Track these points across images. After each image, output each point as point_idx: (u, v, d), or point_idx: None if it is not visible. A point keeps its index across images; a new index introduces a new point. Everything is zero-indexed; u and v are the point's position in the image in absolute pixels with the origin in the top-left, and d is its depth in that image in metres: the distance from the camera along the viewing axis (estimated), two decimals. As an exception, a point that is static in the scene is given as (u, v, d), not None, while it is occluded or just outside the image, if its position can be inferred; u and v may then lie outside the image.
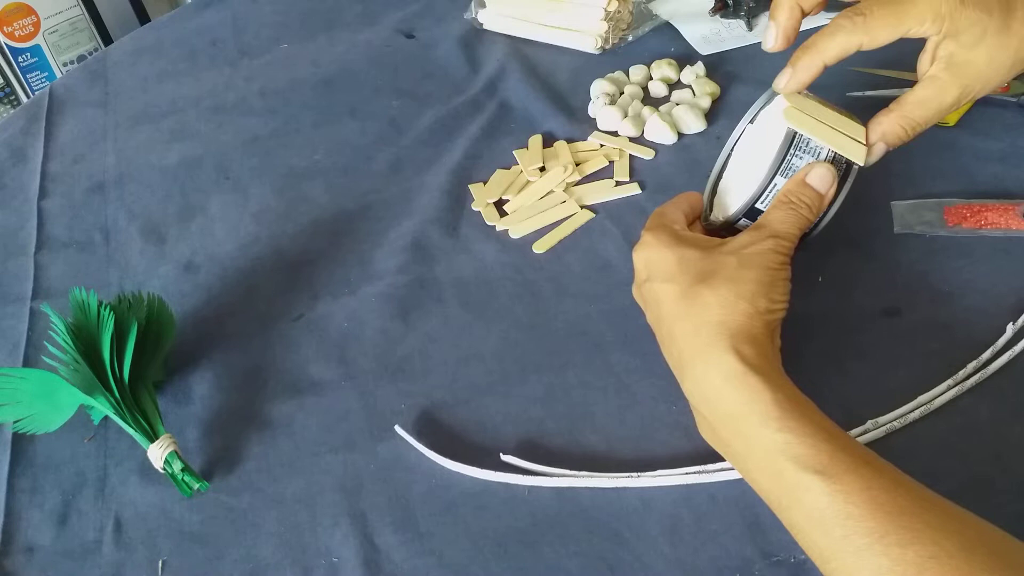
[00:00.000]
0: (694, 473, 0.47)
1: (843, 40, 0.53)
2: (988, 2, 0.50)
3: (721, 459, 0.47)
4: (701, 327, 0.45)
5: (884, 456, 0.46)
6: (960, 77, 0.50)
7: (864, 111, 0.53)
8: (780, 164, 0.51)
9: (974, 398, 0.48)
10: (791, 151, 0.51)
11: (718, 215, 0.55)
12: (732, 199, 0.53)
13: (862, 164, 0.52)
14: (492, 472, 0.49)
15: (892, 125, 0.51)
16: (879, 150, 0.52)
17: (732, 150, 0.55)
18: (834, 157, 0.51)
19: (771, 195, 0.52)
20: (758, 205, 0.52)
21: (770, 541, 0.44)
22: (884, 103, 0.53)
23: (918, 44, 0.72)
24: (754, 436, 0.41)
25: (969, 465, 0.45)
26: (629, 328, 0.56)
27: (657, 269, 0.48)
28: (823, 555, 0.39)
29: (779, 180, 0.52)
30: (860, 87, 0.71)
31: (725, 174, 0.55)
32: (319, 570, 0.47)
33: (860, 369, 0.51)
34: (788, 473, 0.40)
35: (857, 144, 0.52)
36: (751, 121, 0.55)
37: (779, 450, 0.40)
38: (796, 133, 0.51)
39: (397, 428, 0.52)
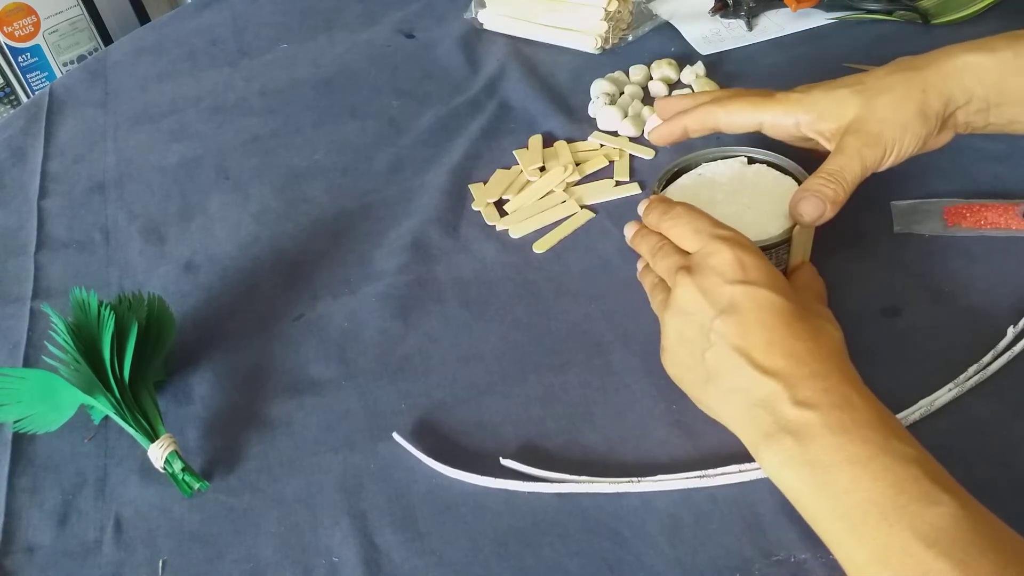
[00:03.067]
0: (695, 478, 0.47)
1: (704, 113, 0.59)
2: (833, 84, 0.56)
3: (721, 463, 0.47)
4: (832, 354, 0.44)
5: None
6: (851, 132, 0.54)
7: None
8: None
9: (975, 399, 0.48)
10: None
11: None
12: None
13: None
14: (492, 479, 0.49)
15: (808, 181, 0.54)
16: (807, 202, 0.53)
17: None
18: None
19: None
20: None
21: (770, 541, 0.44)
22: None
23: (911, 43, 0.72)
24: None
25: (970, 466, 0.45)
26: (629, 328, 0.56)
27: (762, 275, 0.46)
28: None
29: None
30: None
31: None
32: (319, 570, 0.47)
33: (860, 369, 0.51)
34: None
35: None
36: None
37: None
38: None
39: (395, 436, 0.52)
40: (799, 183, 0.56)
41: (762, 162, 0.58)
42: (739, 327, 0.44)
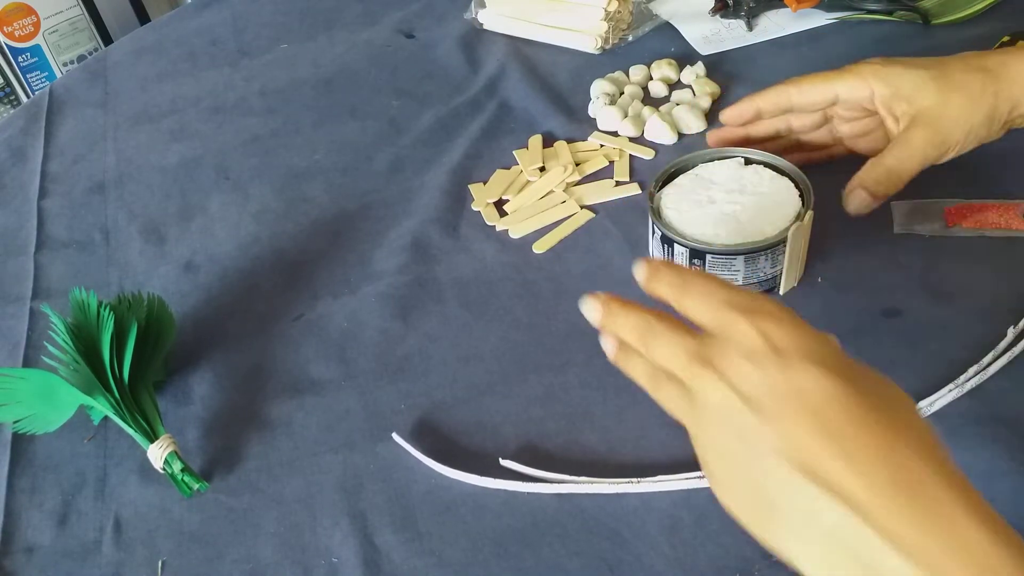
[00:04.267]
0: (695, 478, 0.47)
1: (776, 92, 0.59)
2: (914, 63, 0.55)
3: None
4: (923, 449, 0.33)
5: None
6: (920, 125, 0.54)
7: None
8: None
9: (975, 400, 0.48)
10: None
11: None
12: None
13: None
14: (492, 479, 0.49)
15: (864, 172, 0.54)
16: (857, 196, 0.54)
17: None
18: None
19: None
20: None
21: (770, 541, 0.44)
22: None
23: (911, 43, 0.72)
24: None
25: (970, 466, 0.45)
26: (629, 328, 0.56)
27: (802, 345, 0.35)
28: None
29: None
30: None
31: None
32: (319, 570, 0.47)
33: (860, 369, 0.51)
34: None
35: None
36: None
37: None
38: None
39: (395, 436, 0.52)
40: (796, 184, 0.56)
41: (759, 163, 0.58)
42: (788, 431, 0.33)
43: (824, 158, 0.64)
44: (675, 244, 0.55)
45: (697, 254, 0.54)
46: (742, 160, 0.59)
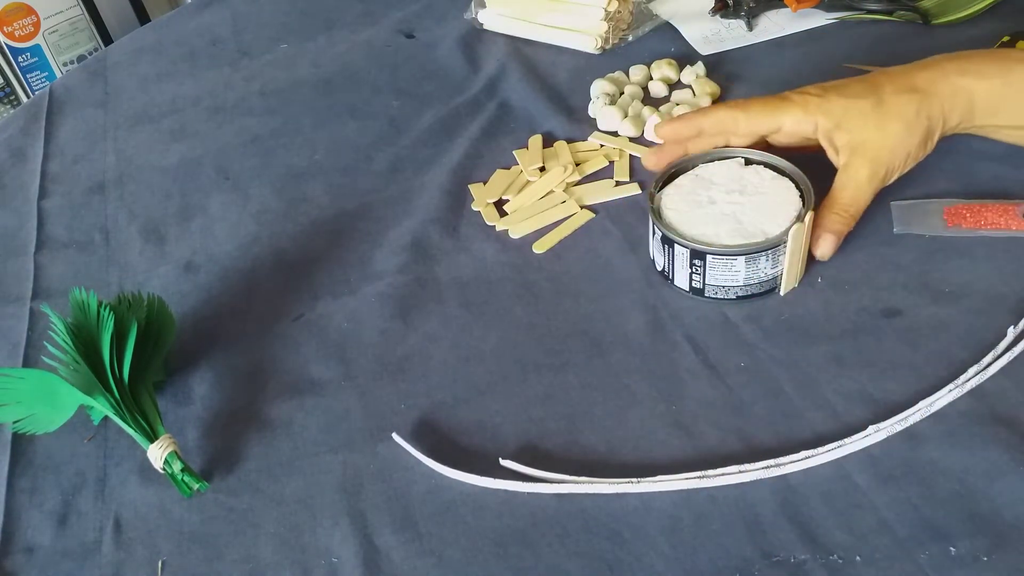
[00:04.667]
0: (695, 478, 0.47)
1: (723, 114, 0.60)
2: (849, 91, 0.57)
3: (721, 463, 0.47)
4: None
5: (885, 459, 0.47)
6: (861, 155, 0.56)
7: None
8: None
9: (975, 399, 0.48)
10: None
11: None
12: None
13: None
14: (492, 480, 0.49)
15: (824, 217, 0.56)
16: (826, 240, 0.56)
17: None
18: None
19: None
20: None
21: (770, 541, 0.44)
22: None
23: (911, 43, 0.72)
24: None
25: (970, 466, 0.45)
26: (629, 328, 0.56)
27: None
28: None
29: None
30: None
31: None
32: (319, 570, 0.47)
33: (860, 369, 0.51)
34: None
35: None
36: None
37: None
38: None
39: (395, 436, 0.52)
40: (796, 184, 0.56)
41: (759, 163, 0.58)
42: None
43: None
44: (675, 245, 0.55)
45: (698, 255, 0.54)
46: (742, 160, 0.59)
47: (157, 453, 0.51)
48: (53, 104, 0.92)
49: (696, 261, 0.55)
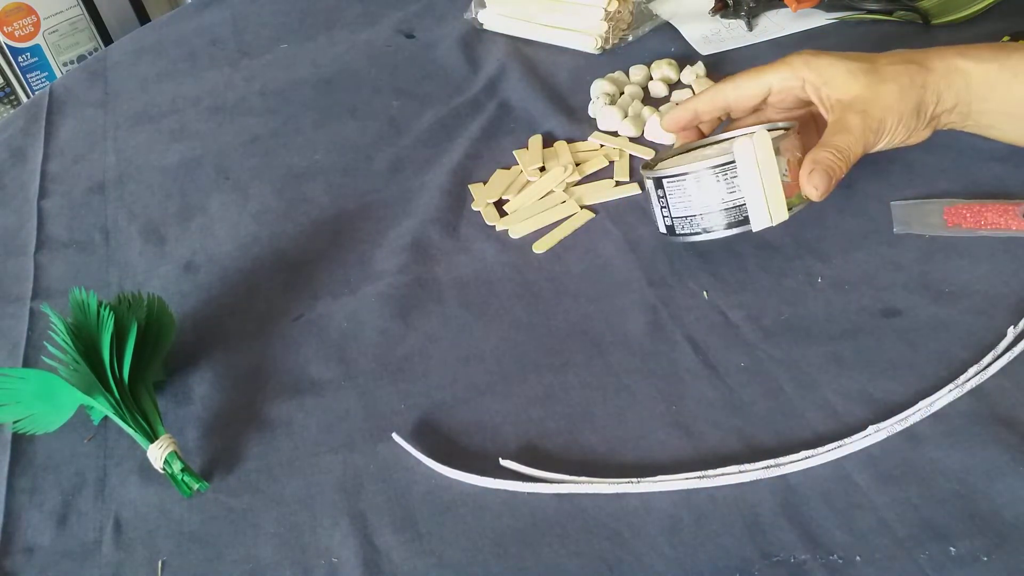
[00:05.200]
0: (695, 478, 0.47)
1: (712, 91, 0.60)
2: (843, 55, 0.56)
3: (721, 463, 0.47)
4: None
5: (885, 459, 0.47)
6: (852, 110, 0.55)
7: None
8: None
9: (975, 399, 0.48)
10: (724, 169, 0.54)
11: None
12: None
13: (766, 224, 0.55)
14: (492, 480, 0.49)
15: (813, 153, 0.55)
16: (818, 174, 0.54)
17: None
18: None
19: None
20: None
21: (770, 541, 0.44)
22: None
23: (911, 43, 0.72)
24: None
25: (970, 466, 0.45)
26: (629, 328, 0.56)
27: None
28: None
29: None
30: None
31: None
32: (319, 570, 0.47)
33: (860, 369, 0.51)
34: None
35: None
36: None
37: None
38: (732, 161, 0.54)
39: (395, 436, 0.52)
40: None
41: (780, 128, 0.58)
42: None
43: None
44: (645, 182, 0.57)
45: (658, 184, 0.56)
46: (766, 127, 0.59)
47: (157, 453, 0.51)
48: (53, 104, 0.92)
49: (659, 191, 0.56)
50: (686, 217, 0.55)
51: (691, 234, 0.56)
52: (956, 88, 0.55)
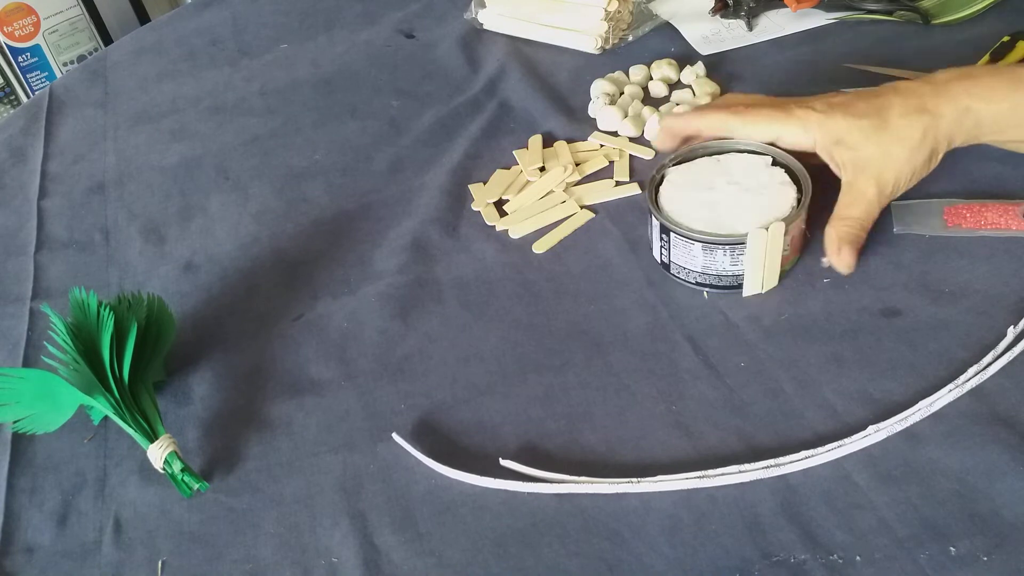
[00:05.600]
0: (695, 478, 0.47)
1: (720, 120, 0.59)
2: (855, 110, 0.56)
3: (721, 463, 0.47)
4: None
5: (885, 459, 0.47)
6: (866, 173, 0.55)
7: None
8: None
9: (975, 399, 0.48)
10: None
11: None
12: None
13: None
14: (492, 480, 0.49)
15: (837, 228, 0.56)
16: (846, 251, 0.55)
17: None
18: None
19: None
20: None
21: (770, 541, 0.44)
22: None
23: (911, 43, 0.72)
24: None
25: (970, 466, 0.45)
26: (629, 328, 0.56)
27: None
28: None
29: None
30: (852, 84, 0.71)
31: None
32: (319, 570, 0.47)
33: (860, 369, 0.51)
34: None
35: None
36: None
37: None
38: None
39: (395, 436, 0.52)
40: (799, 195, 0.56)
41: (783, 166, 0.58)
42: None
43: None
44: (651, 215, 0.57)
45: (664, 230, 0.56)
46: (770, 160, 0.59)
47: (157, 453, 0.51)
48: (53, 104, 0.92)
49: (663, 236, 0.56)
50: (683, 267, 0.57)
51: (683, 280, 0.58)
52: (966, 129, 0.55)
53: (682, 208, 0.56)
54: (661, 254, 0.58)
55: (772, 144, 0.59)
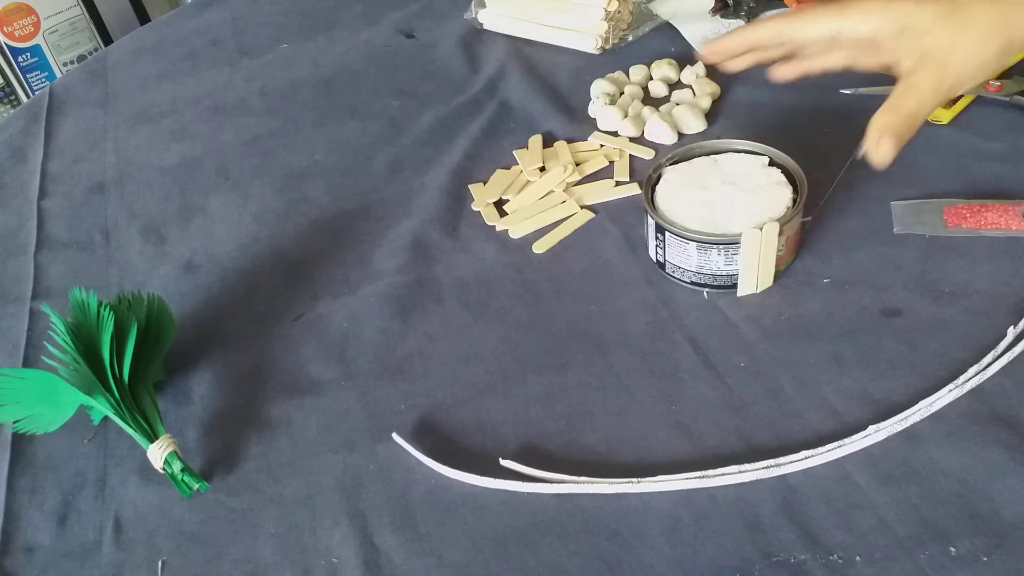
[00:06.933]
0: (695, 478, 0.47)
1: (774, 29, 0.56)
2: None
3: (721, 463, 0.47)
4: None
5: (885, 459, 0.47)
6: (929, 63, 0.50)
7: (862, 109, 0.52)
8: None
9: (975, 399, 0.48)
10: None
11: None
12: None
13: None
14: (492, 480, 0.49)
15: (882, 119, 0.51)
16: (886, 143, 0.50)
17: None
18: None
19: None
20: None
21: (770, 541, 0.44)
22: (877, 101, 0.53)
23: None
24: None
25: (970, 466, 0.45)
26: (629, 328, 0.56)
27: None
28: None
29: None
30: (853, 84, 0.71)
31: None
32: (319, 570, 0.47)
33: (860, 369, 0.51)
34: None
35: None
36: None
37: None
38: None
39: (395, 436, 0.52)
40: (795, 195, 0.56)
41: (779, 166, 0.58)
42: None
43: (819, 70, 0.60)
44: (647, 215, 0.57)
45: (660, 229, 0.56)
46: (766, 160, 0.59)
47: (157, 453, 0.51)
48: (53, 104, 0.92)
49: (659, 235, 0.57)
50: (678, 267, 0.57)
51: (678, 280, 0.58)
52: None
53: (678, 207, 0.57)
54: (657, 253, 0.58)
55: (832, 39, 0.55)
